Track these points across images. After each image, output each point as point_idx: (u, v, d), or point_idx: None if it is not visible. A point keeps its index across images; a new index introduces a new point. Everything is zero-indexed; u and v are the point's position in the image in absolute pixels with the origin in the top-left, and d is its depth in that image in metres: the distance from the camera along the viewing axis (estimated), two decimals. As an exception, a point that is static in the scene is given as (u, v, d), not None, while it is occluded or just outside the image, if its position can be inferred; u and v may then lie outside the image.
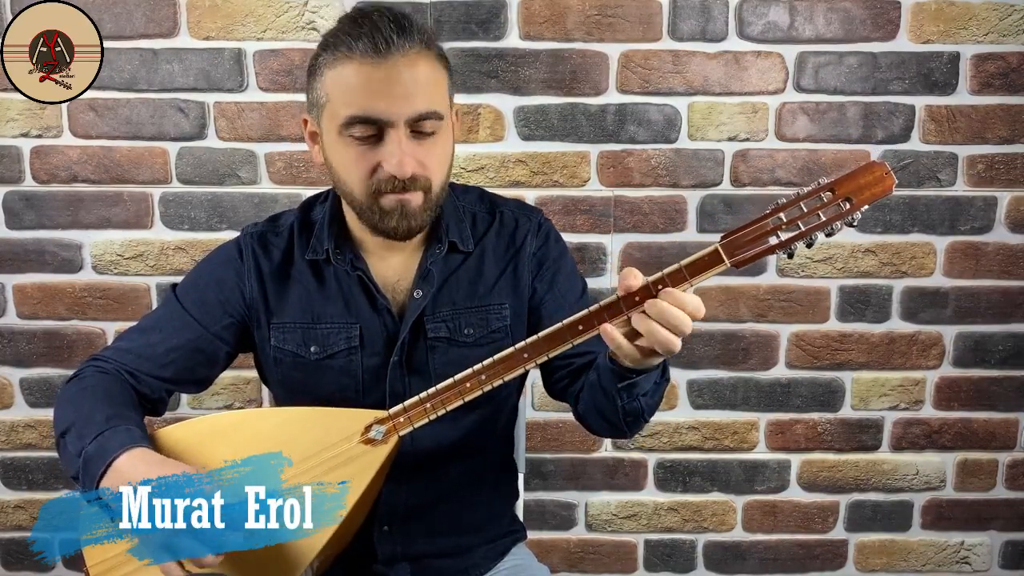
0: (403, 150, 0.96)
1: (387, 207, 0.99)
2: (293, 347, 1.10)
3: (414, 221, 1.01)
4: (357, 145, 0.97)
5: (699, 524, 1.85)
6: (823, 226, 0.84)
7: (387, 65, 0.94)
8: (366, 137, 0.97)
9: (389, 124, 0.96)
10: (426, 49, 0.97)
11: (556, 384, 1.15)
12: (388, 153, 0.96)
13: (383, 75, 0.94)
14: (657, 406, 1.03)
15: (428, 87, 0.97)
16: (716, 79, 1.67)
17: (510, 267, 1.12)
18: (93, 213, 1.70)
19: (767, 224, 0.85)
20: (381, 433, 0.97)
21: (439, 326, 1.09)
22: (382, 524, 1.13)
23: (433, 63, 0.99)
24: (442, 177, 1.02)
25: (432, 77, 0.98)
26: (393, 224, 1.00)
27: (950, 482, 1.84)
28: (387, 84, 0.94)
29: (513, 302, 1.12)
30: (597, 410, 1.05)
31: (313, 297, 1.10)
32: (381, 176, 0.98)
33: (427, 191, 1.00)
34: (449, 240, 1.10)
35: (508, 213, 1.16)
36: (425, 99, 0.96)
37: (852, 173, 0.84)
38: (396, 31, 0.94)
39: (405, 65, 0.95)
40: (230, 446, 0.98)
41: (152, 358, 1.08)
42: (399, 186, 0.97)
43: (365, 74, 0.94)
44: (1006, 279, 1.75)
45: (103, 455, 0.93)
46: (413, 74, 0.95)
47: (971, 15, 1.65)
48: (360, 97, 0.95)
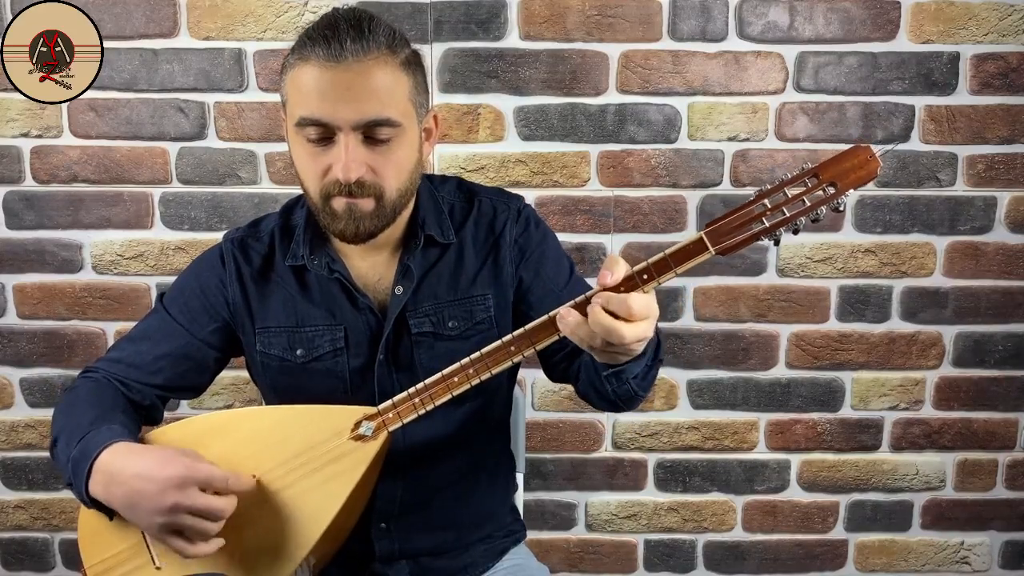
0: (349, 155, 0.96)
1: (337, 210, 0.99)
2: (279, 351, 1.11)
3: (362, 225, 1.00)
4: (310, 146, 0.98)
5: (699, 524, 1.85)
6: (808, 211, 0.83)
7: (339, 70, 0.94)
8: (318, 139, 0.97)
9: (337, 128, 0.96)
10: (388, 55, 0.96)
11: (555, 368, 1.15)
12: (335, 157, 0.97)
13: (333, 80, 0.94)
14: (651, 385, 1.03)
15: (381, 94, 0.96)
16: (716, 79, 1.67)
17: (491, 257, 1.12)
18: (93, 213, 1.71)
19: (752, 211, 0.84)
20: (370, 429, 0.97)
21: (423, 321, 1.09)
22: (379, 521, 1.13)
23: (393, 70, 0.97)
24: (398, 184, 1.01)
25: (388, 84, 0.96)
26: (341, 227, 1.00)
27: (950, 482, 1.84)
28: (335, 89, 0.94)
29: (496, 292, 1.12)
30: (594, 389, 1.05)
31: (296, 301, 1.11)
32: (331, 178, 0.98)
33: (379, 198, 0.99)
34: (426, 234, 1.09)
35: (486, 201, 1.15)
36: (376, 106, 0.95)
37: (836, 157, 0.83)
38: (352, 36, 0.94)
39: (357, 72, 0.94)
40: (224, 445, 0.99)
41: (141, 366, 1.09)
42: (346, 190, 0.97)
43: (316, 78, 0.95)
44: (1006, 279, 1.75)
45: (86, 456, 0.94)
46: (364, 81, 0.95)
47: (971, 15, 1.65)
48: (310, 100, 0.95)
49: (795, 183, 0.84)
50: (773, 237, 0.85)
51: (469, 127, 1.68)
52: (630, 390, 0.99)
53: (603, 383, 0.99)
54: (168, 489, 0.89)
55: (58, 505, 1.82)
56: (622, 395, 1.00)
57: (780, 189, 0.84)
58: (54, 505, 1.82)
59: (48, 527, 1.83)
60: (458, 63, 1.66)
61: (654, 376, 1.02)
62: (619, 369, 0.95)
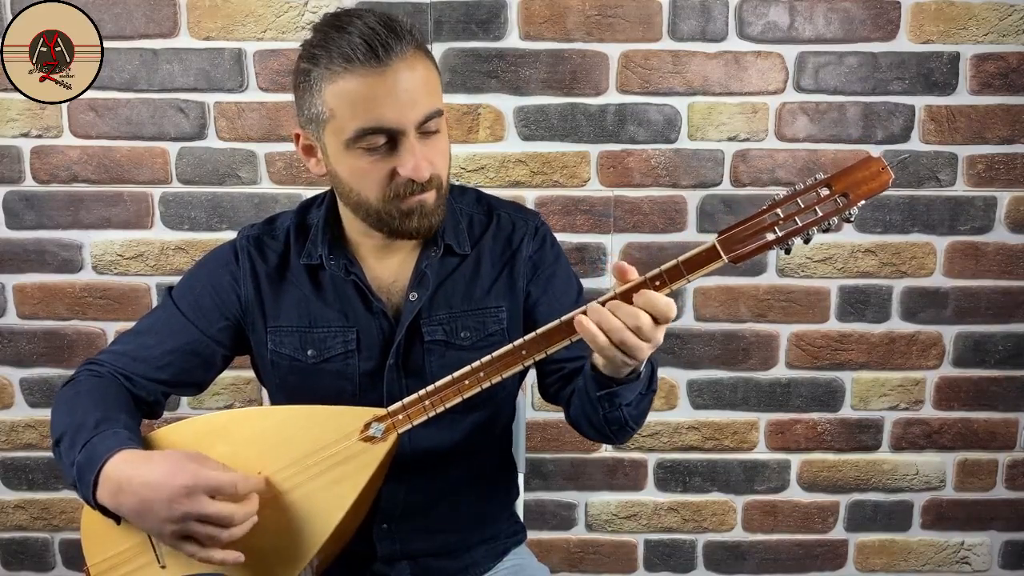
0: (418, 156, 0.96)
1: (407, 209, 0.99)
2: (290, 351, 1.10)
3: (434, 218, 1.01)
4: (369, 155, 0.97)
5: (699, 524, 1.85)
6: (820, 221, 0.84)
7: (390, 72, 0.93)
8: (377, 147, 0.96)
9: (402, 131, 0.95)
10: (418, 48, 0.97)
11: (549, 388, 1.16)
12: (404, 160, 0.96)
13: (389, 83, 0.93)
14: (643, 417, 1.03)
15: (428, 86, 0.97)
16: (716, 79, 1.67)
17: (506, 270, 1.12)
18: (93, 213, 1.70)
19: (764, 220, 0.85)
20: (380, 431, 0.97)
21: (436, 329, 1.09)
22: (381, 521, 1.13)
23: (426, 61, 0.98)
24: (447, 171, 1.03)
25: (429, 75, 0.98)
26: (415, 224, 1.00)
27: (950, 482, 1.84)
28: (394, 92, 0.93)
29: (510, 305, 1.12)
30: (585, 416, 1.05)
31: (309, 301, 1.10)
32: (399, 181, 0.97)
33: (439, 188, 1.01)
34: (445, 243, 1.10)
35: (505, 216, 1.16)
36: (428, 100, 0.96)
37: (849, 168, 0.83)
38: (388, 34, 0.93)
39: (405, 69, 0.94)
40: (229, 445, 0.98)
41: (147, 360, 1.08)
42: (418, 188, 0.98)
43: (370, 85, 0.93)
44: (1006, 279, 1.75)
45: (92, 464, 0.93)
46: (414, 77, 0.94)
47: (971, 15, 1.65)
48: (368, 109, 0.94)
49: (808, 193, 0.84)
50: (785, 246, 0.85)
51: (469, 127, 1.68)
52: (621, 417, 0.99)
53: (594, 408, 0.99)
54: (177, 498, 0.88)
55: (58, 505, 1.82)
56: (612, 421, 0.99)
57: (793, 199, 0.84)
58: (54, 505, 1.82)
59: (48, 527, 1.83)
60: (458, 63, 1.66)
61: (646, 409, 1.02)
62: (612, 392, 0.95)
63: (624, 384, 0.94)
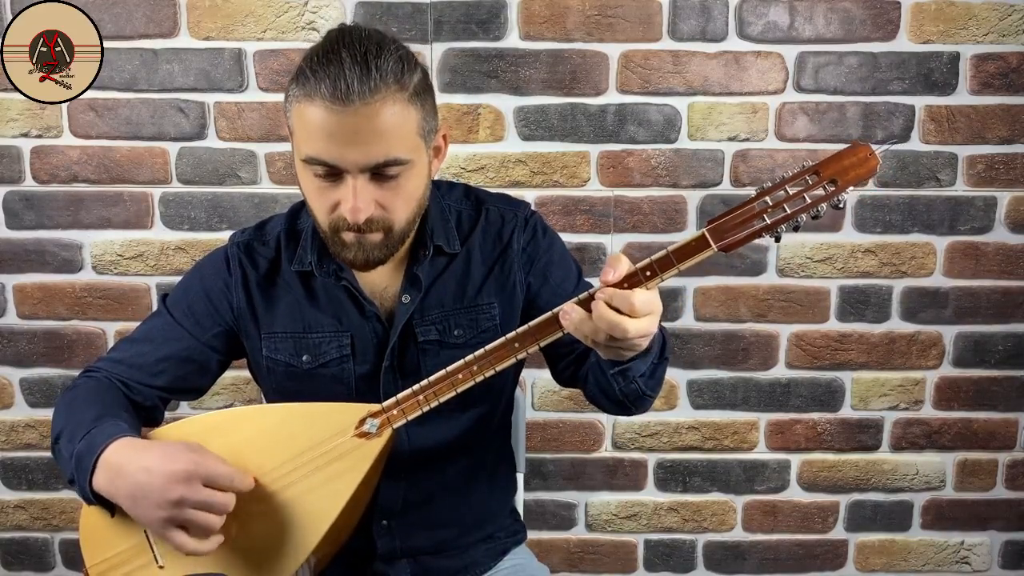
0: (357, 197, 0.94)
1: (347, 241, 0.99)
2: (285, 357, 1.10)
3: (372, 255, 1.00)
4: (319, 180, 0.96)
5: (699, 524, 1.85)
6: (808, 208, 0.84)
7: (346, 114, 0.90)
8: (325, 175, 0.95)
9: (344, 170, 0.94)
10: (396, 91, 0.92)
11: (563, 372, 1.15)
12: (344, 196, 0.95)
13: (339, 123, 0.91)
14: (660, 384, 1.03)
15: (390, 135, 0.93)
16: (716, 79, 1.67)
17: (498, 265, 1.12)
18: (93, 213, 1.71)
19: (753, 208, 0.85)
20: (375, 426, 0.97)
21: (429, 329, 1.09)
22: (381, 519, 1.13)
23: (402, 107, 0.93)
24: (406, 215, 1.00)
25: (396, 123, 0.93)
26: (351, 256, 1.00)
27: (950, 482, 1.84)
28: (342, 133, 0.91)
29: (502, 301, 1.12)
30: (602, 391, 1.05)
31: (303, 307, 1.10)
32: (339, 215, 0.97)
33: (388, 231, 0.99)
34: (435, 244, 1.09)
35: (494, 210, 1.15)
36: (384, 148, 0.93)
37: (836, 155, 0.84)
38: (359, 76, 0.90)
39: (364, 116, 0.91)
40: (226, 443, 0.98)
41: (143, 368, 1.09)
42: (355, 227, 0.96)
43: (321, 119, 0.91)
44: (1006, 279, 1.75)
45: (91, 450, 0.94)
46: (373, 124, 0.91)
47: (971, 15, 1.65)
48: (317, 141, 0.92)
49: (795, 181, 0.84)
50: (774, 234, 0.85)
51: (469, 127, 1.68)
52: (637, 389, 0.99)
53: (610, 383, 0.99)
54: (173, 483, 0.89)
55: (58, 505, 1.82)
56: (629, 394, 1.00)
57: (781, 187, 0.85)
58: (54, 505, 1.82)
59: (48, 527, 1.83)
60: (458, 63, 1.66)
61: (662, 375, 1.02)
62: (625, 367, 0.95)
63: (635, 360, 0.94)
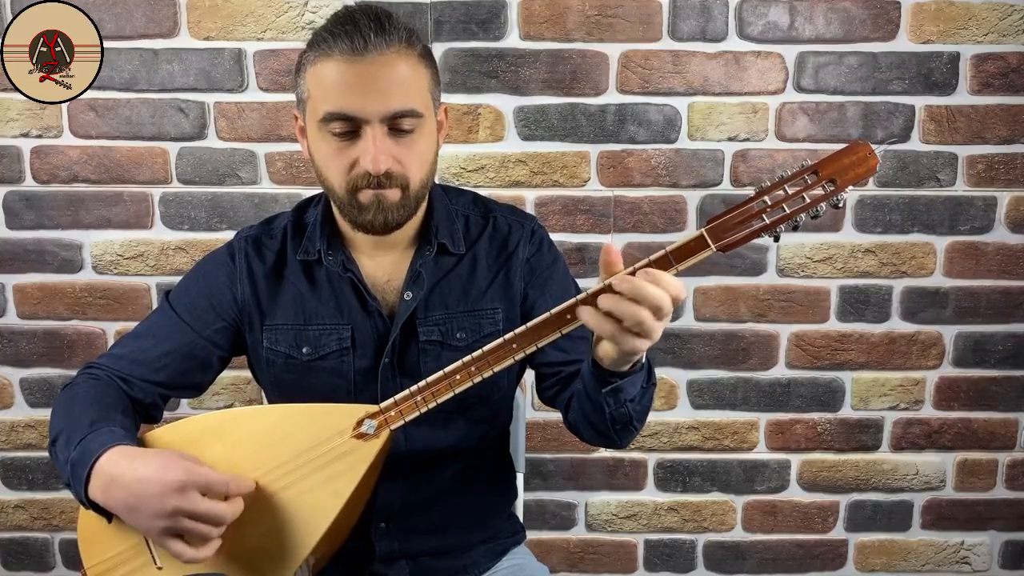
0: (377, 147, 0.97)
1: (364, 202, 1.00)
2: (285, 348, 1.11)
3: (391, 215, 1.01)
4: (336, 141, 0.99)
5: (699, 524, 1.85)
6: (807, 208, 0.84)
7: (364, 63, 0.95)
8: (344, 133, 0.98)
9: (364, 121, 0.97)
10: (407, 48, 0.98)
11: (547, 391, 1.15)
12: (363, 150, 0.98)
13: (359, 73, 0.96)
14: (646, 413, 1.02)
15: (405, 86, 0.98)
16: (716, 79, 1.67)
17: (502, 272, 1.13)
18: (93, 213, 1.71)
19: (752, 208, 0.85)
20: (373, 427, 0.97)
21: (431, 329, 1.09)
22: (379, 521, 1.13)
23: (414, 62, 0.99)
24: (421, 175, 1.03)
25: (411, 76, 0.99)
26: (370, 218, 1.01)
27: (950, 482, 1.84)
28: (362, 82, 0.96)
29: (505, 307, 1.12)
30: (586, 420, 1.04)
31: (305, 298, 1.11)
32: (358, 172, 0.99)
33: (404, 188, 1.01)
34: (439, 242, 1.10)
35: (502, 218, 1.16)
36: (401, 98, 0.97)
37: (835, 154, 0.83)
38: (375, 31, 0.96)
39: (382, 64, 0.96)
40: (223, 445, 0.98)
41: (145, 363, 1.09)
42: (375, 182, 0.99)
43: (342, 72, 0.96)
44: (1006, 279, 1.75)
45: (85, 459, 0.94)
46: (389, 73, 0.97)
47: (971, 15, 1.65)
48: (336, 94, 0.97)
49: (794, 180, 0.84)
50: (773, 234, 0.85)
51: (469, 127, 1.68)
52: (627, 413, 0.97)
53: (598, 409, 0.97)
54: (169, 493, 0.89)
55: (58, 505, 1.82)
56: (618, 419, 0.98)
57: (780, 186, 0.84)
58: (54, 505, 1.82)
59: (48, 527, 1.83)
60: (458, 63, 1.66)
61: (648, 405, 1.01)
62: (616, 387, 0.94)
63: (627, 377, 0.94)
